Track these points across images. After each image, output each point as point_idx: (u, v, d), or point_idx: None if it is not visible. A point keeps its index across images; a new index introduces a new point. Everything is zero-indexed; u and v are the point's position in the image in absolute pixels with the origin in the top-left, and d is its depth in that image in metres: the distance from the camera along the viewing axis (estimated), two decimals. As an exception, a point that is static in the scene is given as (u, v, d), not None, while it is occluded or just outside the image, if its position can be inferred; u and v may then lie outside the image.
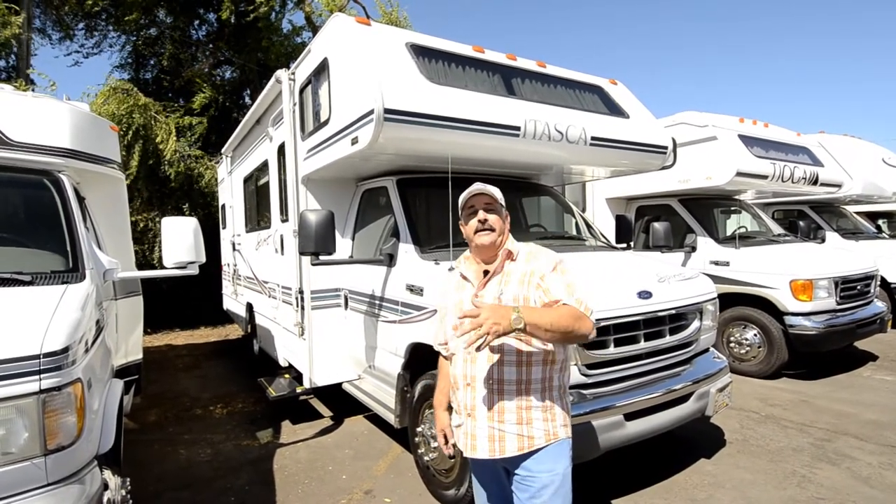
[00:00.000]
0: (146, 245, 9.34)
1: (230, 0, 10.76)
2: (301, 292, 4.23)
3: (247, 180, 6.39)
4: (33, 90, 8.15)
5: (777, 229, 6.72)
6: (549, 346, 1.73)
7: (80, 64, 12.06)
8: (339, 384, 4.27)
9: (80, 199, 3.04)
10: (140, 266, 8.81)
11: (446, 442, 2.01)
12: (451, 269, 1.96)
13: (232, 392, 5.60)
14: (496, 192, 1.86)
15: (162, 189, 9.44)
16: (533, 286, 1.73)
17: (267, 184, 5.29)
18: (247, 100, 12.38)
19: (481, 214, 1.81)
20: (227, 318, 8.87)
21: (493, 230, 1.80)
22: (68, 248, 2.53)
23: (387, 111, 2.96)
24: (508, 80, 3.81)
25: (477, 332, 1.44)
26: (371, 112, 2.97)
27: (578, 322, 1.61)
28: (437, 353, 2.05)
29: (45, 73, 9.38)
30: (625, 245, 4.49)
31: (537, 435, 1.71)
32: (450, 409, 1.98)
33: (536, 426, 1.71)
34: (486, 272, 1.83)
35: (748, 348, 5.52)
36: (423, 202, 3.92)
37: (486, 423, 1.72)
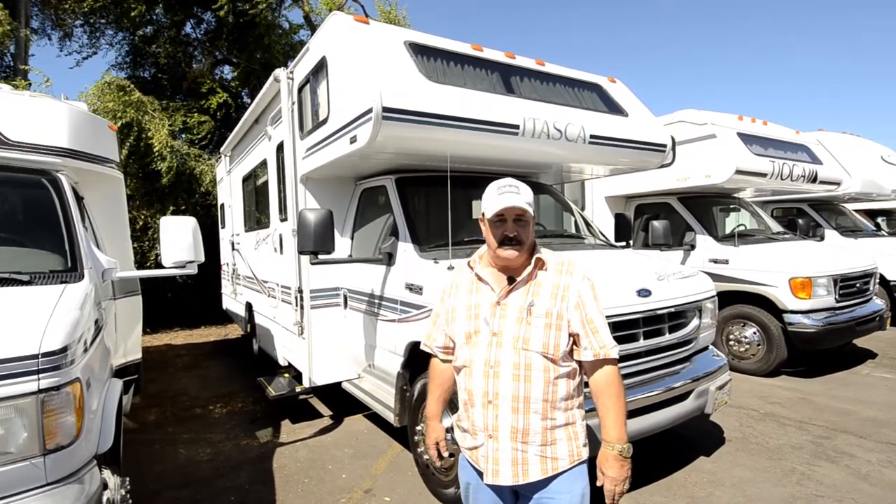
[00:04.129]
0: (146, 243, 9.34)
1: (227, -1, 10.74)
2: (300, 291, 4.23)
3: (246, 179, 6.38)
4: (29, 87, 8.14)
5: (776, 227, 6.72)
6: (574, 364, 1.65)
7: (80, 65, 12.07)
8: (339, 383, 4.27)
9: (79, 199, 3.03)
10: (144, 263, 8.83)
11: (440, 455, 1.91)
12: (450, 267, 1.90)
13: (231, 391, 5.60)
14: (530, 200, 1.64)
15: (154, 185, 9.40)
16: (570, 305, 1.61)
17: (266, 183, 5.28)
18: (245, 99, 12.38)
19: (510, 228, 1.62)
20: (226, 317, 8.86)
21: (520, 245, 1.62)
22: (66, 248, 2.53)
23: (385, 110, 2.96)
24: (507, 78, 3.81)
25: (620, 491, 1.59)
26: (369, 111, 2.96)
27: (621, 384, 1.65)
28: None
29: (40, 70, 9.34)
30: (624, 243, 4.49)
31: (561, 456, 1.59)
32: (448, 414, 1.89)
33: (561, 447, 1.60)
34: (510, 279, 1.67)
35: (747, 346, 5.52)
36: (422, 201, 3.91)
37: (510, 445, 1.58)
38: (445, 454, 1.93)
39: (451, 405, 2.12)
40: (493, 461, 1.60)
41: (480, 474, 1.66)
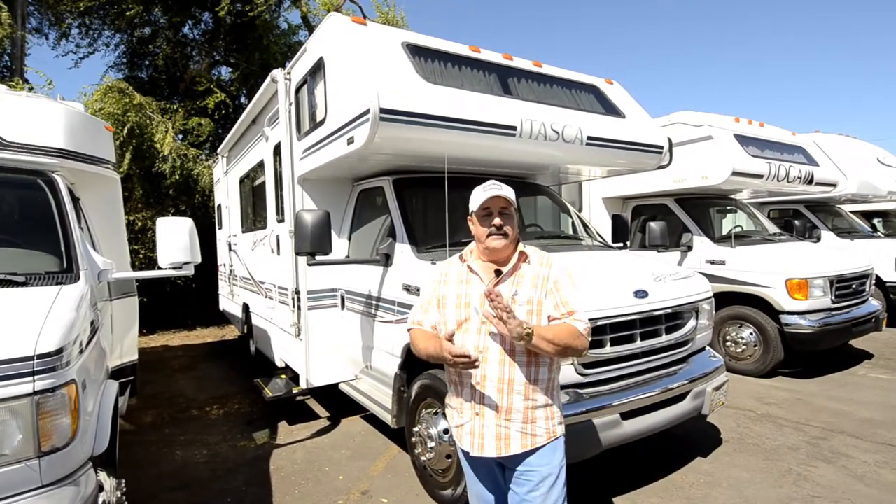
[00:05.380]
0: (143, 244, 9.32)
1: (228, -1, 10.73)
2: (297, 293, 4.22)
3: (243, 180, 6.37)
4: (30, 89, 8.12)
5: (772, 228, 6.74)
6: None
7: (79, 65, 12.03)
8: (336, 384, 4.26)
9: (75, 200, 3.02)
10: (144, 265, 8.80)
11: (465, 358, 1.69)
12: (433, 262, 1.95)
13: (228, 393, 5.59)
14: (512, 195, 1.86)
15: (159, 188, 9.39)
16: (546, 291, 1.80)
17: (263, 184, 5.27)
18: (244, 100, 12.37)
19: (497, 219, 1.81)
20: (223, 318, 8.84)
21: (506, 235, 1.82)
22: (62, 249, 2.52)
23: (382, 111, 2.96)
24: (505, 79, 3.81)
25: (493, 323, 1.64)
26: (367, 112, 2.97)
27: (577, 340, 1.73)
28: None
29: (43, 73, 9.37)
30: (621, 244, 4.50)
31: (540, 433, 1.78)
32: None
33: (539, 425, 1.79)
34: (497, 271, 1.84)
35: (744, 347, 5.53)
36: (419, 202, 3.91)
37: (494, 422, 1.77)
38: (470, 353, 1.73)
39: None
40: (479, 436, 1.78)
41: (465, 453, 1.85)
